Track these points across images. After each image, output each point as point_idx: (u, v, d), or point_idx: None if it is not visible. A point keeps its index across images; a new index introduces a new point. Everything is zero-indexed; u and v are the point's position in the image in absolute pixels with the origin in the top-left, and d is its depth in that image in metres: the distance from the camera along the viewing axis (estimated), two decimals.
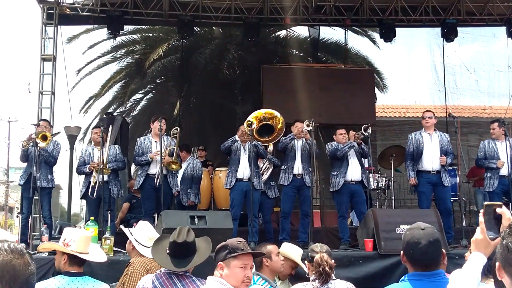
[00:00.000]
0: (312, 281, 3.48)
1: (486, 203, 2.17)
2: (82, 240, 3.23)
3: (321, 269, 3.39)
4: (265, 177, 7.96)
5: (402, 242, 2.57)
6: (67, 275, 3.16)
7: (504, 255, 1.86)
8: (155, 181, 6.90)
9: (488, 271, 2.96)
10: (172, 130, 7.38)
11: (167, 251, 3.15)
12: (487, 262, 2.13)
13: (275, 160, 8.00)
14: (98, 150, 6.99)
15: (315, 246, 3.66)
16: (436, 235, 2.52)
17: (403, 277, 2.56)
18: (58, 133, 8.29)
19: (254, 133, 6.92)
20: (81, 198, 7.33)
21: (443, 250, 2.56)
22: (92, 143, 7.63)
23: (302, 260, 4.01)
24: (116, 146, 7.52)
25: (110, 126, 8.17)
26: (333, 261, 3.58)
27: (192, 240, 3.15)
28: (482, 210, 2.12)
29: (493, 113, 14.29)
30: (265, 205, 7.77)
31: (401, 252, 2.56)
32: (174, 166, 6.94)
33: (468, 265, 2.10)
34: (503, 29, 11.31)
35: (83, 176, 7.28)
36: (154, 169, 6.98)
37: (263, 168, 8.09)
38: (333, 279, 3.47)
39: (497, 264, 1.89)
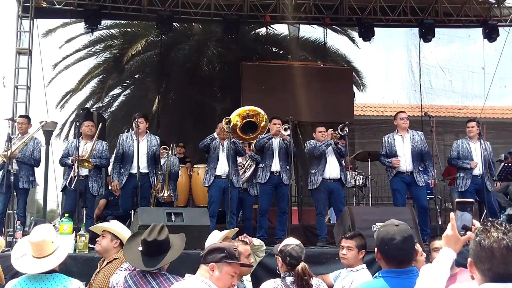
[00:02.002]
0: (282, 278, 3.49)
1: (457, 200, 2.21)
2: (31, 245, 3.13)
3: (304, 282, 3.38)
4: (247, 174, 7.96)
5: (376, 239, 2.59)
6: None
7: (476, 252, 1.89)
8: (136, 180, 6.77)
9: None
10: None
11: (140, 249, 3.12)
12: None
13: (257, 157, 8.01)
14: (84, 144, 6.87)
15: (293, 250, 3.55)
16: (410, 231, 2.55)
17: (376, 274, 2.58)
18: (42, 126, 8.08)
19: (238, 130, 6.92)
20: (61, 191, 7.20)
21: (419, 247, 2.59)
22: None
23: (272, 254, 4.01)
24: (104, 143, 7.34)
25: (101, 123, 8.08)
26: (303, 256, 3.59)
27: (163, 238, 3.12)
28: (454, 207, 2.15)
29: (469, 113, 14.52)
30: (246, 202, 7.78)
31: (375, 249, 2.57)
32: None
33: (438, 260, 2.13)
34: (478, 31, 11.51)
35: (62, 170, 7.18)
36: (135, 169, 6.87)
37: (246, 165, 8.08)
38: None
39: (469, 260, 1.92)
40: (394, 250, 2.48)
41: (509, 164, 7.39)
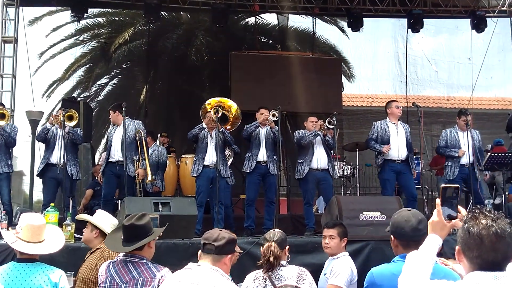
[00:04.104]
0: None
1: (443, 185, 2.21)
2: (28, 228, 3.18)
3: (265, 259, 3.44)
4: (228, 163, 7.99)
5: (391, 226, 2.66)
6: (18, 261, 3.15)
7: (464, 239, 1.89)
8: (116, 168, 6.85)
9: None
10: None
11: (122, 237, 3.12)
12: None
13: (235, 147, 8.04)
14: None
15: (268, 233, 3.67)
16: (422, 214, 2.67)
17: (396, 258, 2.63)
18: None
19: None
20: (37, 175, 7.14)
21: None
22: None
23: (259, 244, 4.02)
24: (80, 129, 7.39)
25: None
26: (287, 247, 3.62)
27: (142, 224, 3.09)
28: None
29: (456, 103, 14.61)
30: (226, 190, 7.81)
31: (391, 237, 2.64)
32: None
33: (424, 247, 2.14)
34: (466, 22, 11.54)
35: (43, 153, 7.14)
36: (114, 156, 6.96)
37: (227, 156, 8.08)
38: (283, 266, 3.50)
39: (456, 248, 1.92)
40: (410, 232, 2.56)
41: (495, 154, 7.45)
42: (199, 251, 2.81)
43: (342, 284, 3.84)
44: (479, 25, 11.11)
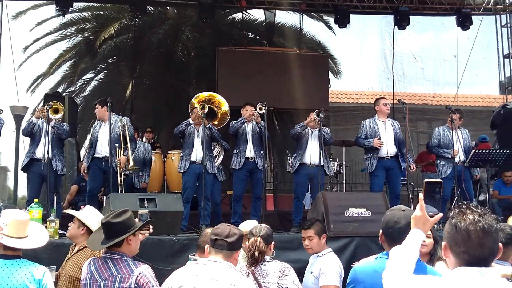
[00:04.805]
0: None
1: (426, 180, 2.23)
2: (13, 224, 3.15)
3: (250, 253, 3.46)
4: (218, 162, 7.97)
5: (382, 222, 2.67)
6: (1, 257, 3.13)
7: (451, 234, 1.89)
8: (102, 163, 6.80)
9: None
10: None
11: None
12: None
13: (225, 144, 8.02)
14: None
15: (255, 228, 3.69)
16: None
17: (379, 255, 2.66)
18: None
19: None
20: (21, 169, 7.05)
21: None
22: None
23: None
24: (66, 124, 7.30)
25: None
26: (273, 243, 3.63)
27: (119, 221, 3.06)
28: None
29: (442, 100, 14.72)
30: (214, 187, 7.78)
31: (380, 231, 2.66)
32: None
33: (407, 242, 2.14)
34: (452, 19, 11.62)
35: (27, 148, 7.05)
36: (100, 152, 6.90)
37: (215, 153, 8.07)
38: (267, 261, 3.51)
39: (443, 243, 1.93)
40: (397, 234, 2.55)
41: (480, 151, 7.52)
42: (207, 246, 2.78)
43: (337, 282, 3.85)
44: (464, 23, 11.20)
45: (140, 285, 2.91)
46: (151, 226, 3.52)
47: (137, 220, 3.46)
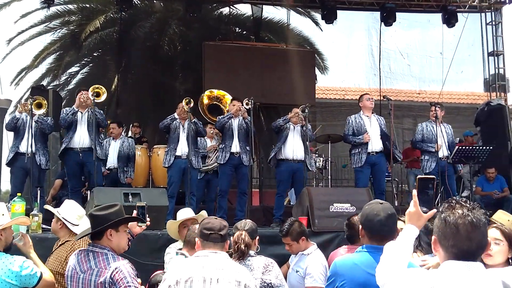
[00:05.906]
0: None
1: (419, 176, 2.26)
2: None
3: (236, 247, 3.49)
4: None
5: (360, 216, 2.72)
6: None
7: (441, 229, 1.93)
8: (79, 156, 6.72)
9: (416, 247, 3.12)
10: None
11: None
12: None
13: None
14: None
15: (240, 222, 3.73)
16: (393, 209, 2.69)
17: (359, 248, 2.69)
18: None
19: (205, 109, 6.88)
20: (6, 164, 6.98)
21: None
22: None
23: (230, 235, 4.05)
24: (50, 118, 7.24)
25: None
26: (257, 238, 3.65)
27: (102, 214, 3.04)
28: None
29: (427, 97, 14.81)
30: (212, 183, 7.88)
31: (360, 226, 2.71)
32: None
33: (401, 237, 2.18)
34: (438, 16, 11.70)
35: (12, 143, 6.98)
36: (76, 144, 6.78)
37: (212, 149, 8.05)
38: (251, 256, 3.52)
39: (433, 238, 1.96)
40: (378, 226, 2.60)
41: (463, 147, 7.60)
42: (197, 239, 2.89)
43: (322, 284, 3.87)
44: (450, 20, 11.29)
45: (114, 281, 2.84)
46: (148, 219, 3.57)
47: (134, 212, 3.48)
